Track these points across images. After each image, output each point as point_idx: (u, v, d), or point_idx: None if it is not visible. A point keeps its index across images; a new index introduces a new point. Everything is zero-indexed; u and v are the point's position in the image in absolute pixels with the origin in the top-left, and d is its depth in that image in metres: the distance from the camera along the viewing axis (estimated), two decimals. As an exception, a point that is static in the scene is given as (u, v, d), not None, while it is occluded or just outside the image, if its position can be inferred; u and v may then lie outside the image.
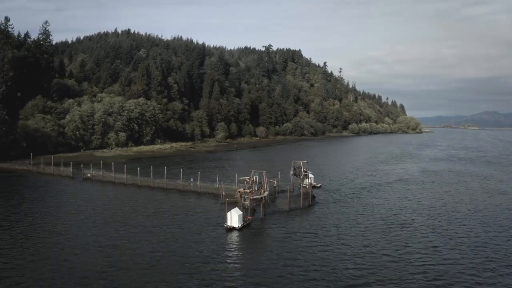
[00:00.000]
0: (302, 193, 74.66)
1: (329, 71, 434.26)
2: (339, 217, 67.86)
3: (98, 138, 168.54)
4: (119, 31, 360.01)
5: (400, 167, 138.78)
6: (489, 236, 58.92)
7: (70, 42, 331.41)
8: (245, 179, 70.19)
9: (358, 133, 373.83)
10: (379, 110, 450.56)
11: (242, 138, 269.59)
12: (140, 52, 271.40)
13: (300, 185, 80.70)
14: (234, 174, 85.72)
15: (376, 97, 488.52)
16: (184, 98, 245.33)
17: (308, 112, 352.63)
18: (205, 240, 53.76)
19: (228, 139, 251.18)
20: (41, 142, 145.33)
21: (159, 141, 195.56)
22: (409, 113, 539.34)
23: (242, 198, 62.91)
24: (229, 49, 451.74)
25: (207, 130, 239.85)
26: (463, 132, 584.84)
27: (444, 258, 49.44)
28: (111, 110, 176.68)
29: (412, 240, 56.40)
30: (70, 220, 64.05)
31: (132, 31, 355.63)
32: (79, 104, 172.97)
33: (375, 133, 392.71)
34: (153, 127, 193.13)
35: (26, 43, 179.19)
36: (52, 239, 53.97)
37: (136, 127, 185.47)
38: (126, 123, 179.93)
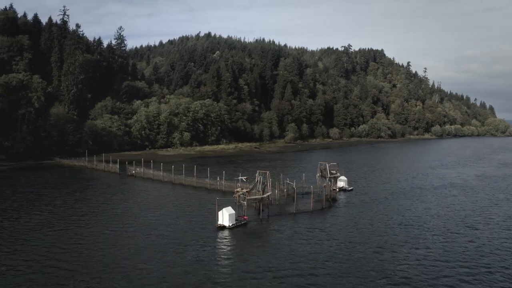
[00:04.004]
0: (312, 196, 73.04)
1: (413, 71, 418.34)
2: (346, 220, 66.07)
3: (163, 138, 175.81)
4: (202, 34, 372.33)
5: (459, 171, 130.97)
6: (492, 246, 54.56)
7: (152, 45, 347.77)
8: (241, 178, 70.50)
9: (441, 136, 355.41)
10: (466, 112, 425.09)
11: (314, 140, 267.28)
12: (215, 55, 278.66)
13: (311, 187, 78.53)
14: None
15: (464, 98, 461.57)
16: (255, 99, 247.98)
17: (388, 114, 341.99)
18: (189, 237, 55.09)
19: (298, 140, 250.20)
20: (107, 140, 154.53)
21: (224, 141, 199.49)
22: (505, 115, 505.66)
23: (240, 198, 62.97)
24: (310, 50, 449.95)
25: (276, 131, 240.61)
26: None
27: (423, 264, 46.79)
28: (176, 111, 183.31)
29: (406, 243, 53.87)
30: (94, 208, 71.41)
31: (212, 34, 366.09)
32: (147, 105, 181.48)
33: (460, 136, 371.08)
34: (219, 127, 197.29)
35: (99, 48, 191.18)
36: (69, 224, 60.88)
37: (201, 127, 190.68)
38: (191, 123, 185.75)
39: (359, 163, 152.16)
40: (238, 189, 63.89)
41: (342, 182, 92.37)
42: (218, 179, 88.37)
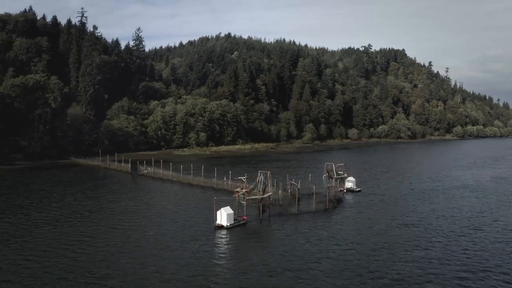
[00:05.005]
0: (314, 196, 72.78)
1: (435, 71, 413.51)
2: (348, 221, 65.65)
3: (179, 138, 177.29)
4: (222, 35, 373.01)
5: (474, 172, 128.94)
6: (493, 248, 53.72)
7: (172, 46, 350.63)
8: (241, 179, 70.77)
9: (463, 137, 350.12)
10: (488, 112, 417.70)
11: (332, 140, 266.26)
12: (233, 56, 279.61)
13: (314, 188, 78.30)
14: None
15: (487, 98, 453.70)
16: (273, 100, 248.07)
17: (408, 114, 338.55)
18: (186, 236, 55.82)
19: (316, 141, 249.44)
20: (123, 140, 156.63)
21: (241, 141, 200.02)
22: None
23: (240, 198, 63.25)
24: (331, 50, 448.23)
25: (294, 131, 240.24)
26: None
27: (419, 265, 46.34)
28: (193, 111, 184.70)
29: (405, 243, 53.43)
30: (101, 206, 73.56)
31: (233, 35, 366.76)
32: (164, 106, 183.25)
33: (482, 137, 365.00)
34: (235, 127, 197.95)
35: (116, 49, 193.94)
36: (76, 220, 63.12)
37: (217, 127, 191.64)
38: (207, 123, 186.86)
39: (374, 163, 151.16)
40: (238, 189, 64.23)
41: (350, 183, 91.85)
42: (224, 179, 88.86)
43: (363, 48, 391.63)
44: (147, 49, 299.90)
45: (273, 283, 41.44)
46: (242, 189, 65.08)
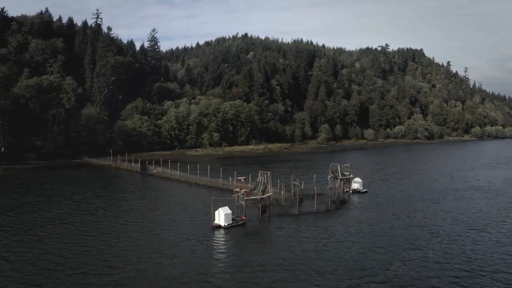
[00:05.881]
0: (315, 197, 72.57)
1: (454, 71, 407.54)
2: (349, 222, 65.63)
3: (193, 138, 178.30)
4: (239, 35, 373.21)
5: (487, 173, 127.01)
6: (493, 250, 53.12)
7: (189, 47, 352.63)
8: (240, 179, 71.09)
9: (481, 137, 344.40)
10: (508, 113, 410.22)
11: (348, 140, 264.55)
12: (248, 56, 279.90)
13: (315, 189, 78.04)
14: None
15: (506, 98, 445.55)
16: (288, 100, 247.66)
17: (426, 115, 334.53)
18: (183, 235, 56.57)
19: (331, 141, 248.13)
20: (136, 140, 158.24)
21: (254, 141, 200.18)
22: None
23: (240, 198, 63.63)
24: (348, 50, 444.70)
25: (309, 131, 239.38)
26: None
27: (414, 265, 46.11)
28: (206, 112, 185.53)
29: (404, 244, 53.21)
30: (108, 204, 75.71)
31: (250, 35, 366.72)
32: (177, 106, 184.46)
33: (501, 138, 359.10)
34: (248, 128, 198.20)
35: (131, 50, 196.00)
36: (81, 218, 65.06)
37: (231, 127, 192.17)
38: (221, 124, 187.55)
39: (387, 164, 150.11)
40: (237, 189, 64.64)
41: (356, 184, 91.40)
42: (230, 179, 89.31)
43: (380, 48, 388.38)
44: (164, 50, 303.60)
45: (266, 282, 41.85)
46: (242, 189, 65.37)
